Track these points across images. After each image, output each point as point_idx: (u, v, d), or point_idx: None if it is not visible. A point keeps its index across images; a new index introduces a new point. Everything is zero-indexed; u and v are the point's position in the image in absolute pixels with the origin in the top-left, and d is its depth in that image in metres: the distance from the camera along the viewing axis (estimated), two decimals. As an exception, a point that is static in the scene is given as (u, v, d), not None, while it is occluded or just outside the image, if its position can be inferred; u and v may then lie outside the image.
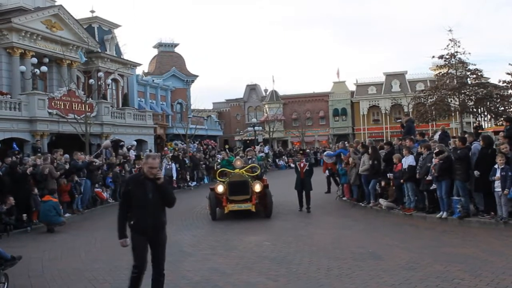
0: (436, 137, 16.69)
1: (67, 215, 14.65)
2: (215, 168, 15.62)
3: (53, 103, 23.80)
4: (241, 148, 22.63)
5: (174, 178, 23.03)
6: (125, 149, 24.68)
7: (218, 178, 14.06)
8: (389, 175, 13.56)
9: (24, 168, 13.85)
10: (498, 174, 10.35)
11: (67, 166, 15.57)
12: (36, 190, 13.45)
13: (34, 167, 14.16)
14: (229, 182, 13.29)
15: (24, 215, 12.77)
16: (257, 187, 13.22)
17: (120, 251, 9.90)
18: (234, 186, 13.20)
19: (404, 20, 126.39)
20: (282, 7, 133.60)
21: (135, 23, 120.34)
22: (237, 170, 13.58)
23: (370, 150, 14.46)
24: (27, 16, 24.73)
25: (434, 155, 11.77)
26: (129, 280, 5.81)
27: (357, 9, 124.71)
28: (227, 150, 21.02)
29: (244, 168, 13.85)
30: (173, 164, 23.22)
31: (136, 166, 13.12)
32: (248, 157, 15.34)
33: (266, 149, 38.23)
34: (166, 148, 29.92)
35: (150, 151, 29.29)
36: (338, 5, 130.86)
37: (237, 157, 15.33)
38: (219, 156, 25.48)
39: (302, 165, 14.67)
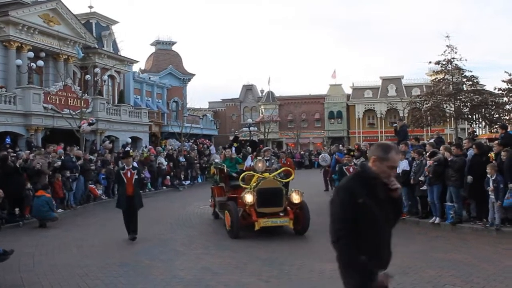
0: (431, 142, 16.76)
1: (59, 210, 14.60)
2: (225, 171, 12.52)
3: (48, 98, 23.71)
4: (247, 148, 19.39)
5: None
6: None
7: (217, 181, 12.88)
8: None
9: (16, 161, 13.79)
10: (491, 186, 10.41)
11: (59, 162, 15.50)
12: (29, 185, 13.39)
13: (25, 162, 14.08)
14: (259, 190, 10.54)
15: (17, 209, 12.73)
16: (296, 197, 10.82)
17: (111, 247, 9.94)
18: (265, 195, 10.51)
19: (402, 25, 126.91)
20: (281, 8, 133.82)
21: (133, 20, 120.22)
22: (266, 175, 11.02)
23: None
24: (24, 10, 24.60)
25: (428, 157, 11.84)
26: None
27: (355, 12, 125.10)
28: (234, 148, 15.59)
29: (277, 172, 11.49)
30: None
31: (126, 167, 10.89)
32: (265, 158, 12.64)
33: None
34: (150, 147, 29.49)
35: (146, 147, 29.26)
36: (337, 7, 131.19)
37: (258, 158, 12.40)
38: (215, 154, 24.82)
39: (351, 169, 12.20)
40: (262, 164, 11.21)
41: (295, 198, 10.80)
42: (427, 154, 12.10)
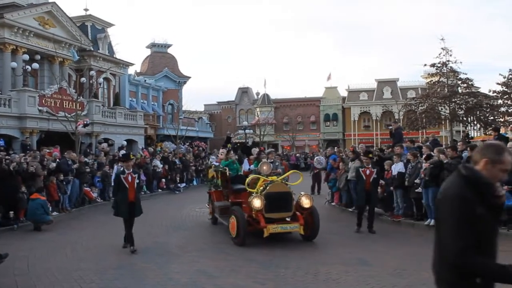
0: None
1: (54, 213, 14.55)
2: (228, 174, 11.82)
3: (43, 101, 23.66)
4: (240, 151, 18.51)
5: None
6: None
7: (218, 186, 12.60)
8: (381, 182, 13.65)
9: (10, 164, 13.73)
10: None
11: (54, 164, 15.45)
12: (23, 188, 13.33)
13: (18, 165, 14.04)
14: (267, 194, 10.05)
15: (11, 212, 12.67)
16: (305, 202, 10.41)
17: (106, 251, 9.90)
18: (273, 200, 10.02)
19: (398, 27, 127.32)
20: (277, 10, 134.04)
21: (129, 23, 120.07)
22: (273, 178, 10.53)
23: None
24: (20, 12, 24.55)
25: (424, 160, 11.90)
26: None
27: (352, 15, 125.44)
28: (230, 150, 13.84)
29: (284, 176, 11.12)
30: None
31: (126, 171, 9.89)
32: (270, 161, 12.02)
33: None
34: (144, 149, 29.42)
35: (142, 149, 29.18)
36: (334, 10, 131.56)
37: (263, 160, 11.82)
38: (212, 156, 24.62)
39: (368, 172, 11.52)
40: (267, 167, 10.67)
41: (305, 203, 10.37)
42: (424, 156, 12.14)
